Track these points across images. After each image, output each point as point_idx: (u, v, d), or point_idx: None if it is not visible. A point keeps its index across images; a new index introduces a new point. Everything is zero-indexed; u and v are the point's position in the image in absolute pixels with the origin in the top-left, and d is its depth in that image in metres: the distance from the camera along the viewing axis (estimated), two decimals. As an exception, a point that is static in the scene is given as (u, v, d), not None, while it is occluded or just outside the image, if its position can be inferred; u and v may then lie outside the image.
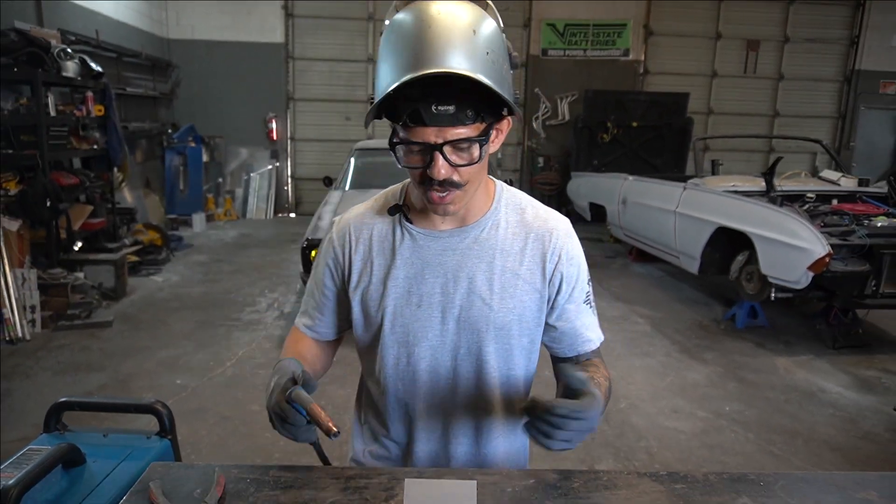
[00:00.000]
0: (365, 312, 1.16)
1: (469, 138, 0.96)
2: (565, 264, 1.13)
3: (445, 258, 1.11)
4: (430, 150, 0.96)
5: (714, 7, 10.24)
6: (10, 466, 1.10)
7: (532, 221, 1.15)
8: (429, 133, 0.94)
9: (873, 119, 10.87)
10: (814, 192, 5.05)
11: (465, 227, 1.12)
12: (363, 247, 1.16)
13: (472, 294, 1.10)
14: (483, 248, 1.11)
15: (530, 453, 1.27)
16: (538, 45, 10.08)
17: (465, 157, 0.98)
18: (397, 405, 1.18)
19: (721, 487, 1.01)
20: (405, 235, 1.13)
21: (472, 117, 0.94)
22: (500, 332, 1.11)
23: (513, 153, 10.52)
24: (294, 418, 0.93)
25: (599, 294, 5.83)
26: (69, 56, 5.12)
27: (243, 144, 9.99)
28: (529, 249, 1.13)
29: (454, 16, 0.91)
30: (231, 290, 5.68)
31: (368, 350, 1.20)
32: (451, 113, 0.92)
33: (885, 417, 3.51)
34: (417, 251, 1.12)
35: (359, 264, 1.16)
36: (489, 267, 1.11)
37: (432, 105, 0.92)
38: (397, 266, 1.12)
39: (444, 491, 0.90)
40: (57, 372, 3.82)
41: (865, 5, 10.39)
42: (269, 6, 9.57)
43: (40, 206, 4.53)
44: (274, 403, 0.95)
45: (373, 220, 1.17)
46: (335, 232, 1.20)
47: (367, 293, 1.15)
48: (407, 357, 1.14)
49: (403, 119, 0.94)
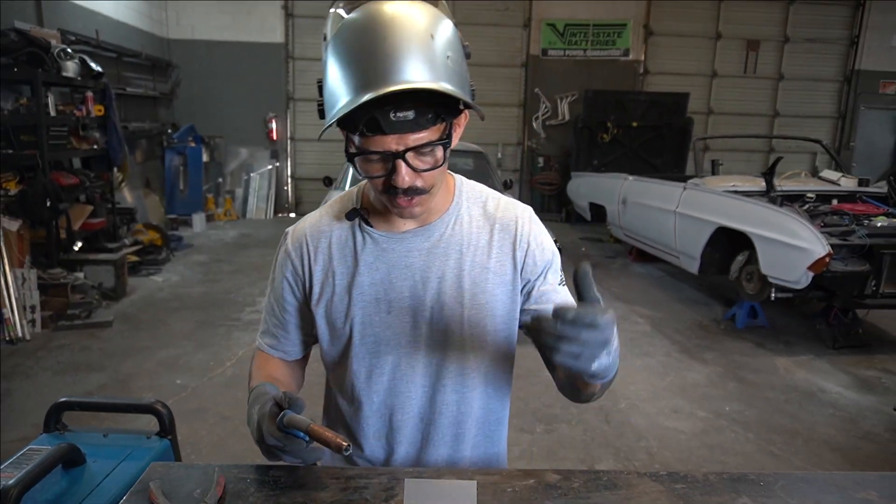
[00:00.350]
0: (331, 325, 1.10)
1: (431, 142, 0.91)
2: (535, 249, 1.09)
3: (412, 260, 1.07)
4: (392, 158, 0.91)
5: (714, 7, 10.24)
6: (10, 466, 1.10)
7: (495, 212, 1.11)
8: (389, 141, 0.89)
9: (873, 119, 10.87)
10: (814, 192, 5.05)
11: (429, 226, 1.07)
12: (322, 256, 1.10)
13: (442, 294, 1.06)
14: (449, 245, 1.07)
15: (508, 458, 1.24)
16: (538, 45, 10.08)
17: (428, 162, 0.94)
18: (373, 419, 1.12)
19: (721, 487, 1.01)
20: (366, 240, 1.08)
21: (433, 120, 0.90)
22: (475, 329, 1.07)
23: (513, 153, 10.52)
24: (293, 446, 0.89)
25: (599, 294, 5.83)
26: (69, 56, 5.12)
27: (243, 144, 9.99)
28: (497, 241, 1.09)
29: (409, 21, 0.85)
30: (231, 290, 5.69)
31: (337, 364, 1.14)
32: (411, 119, 0.88)
33: (885, 417, 3.51)
34: (381, 255, 1.07)
35: (319, 275, 1.09)
36: (458, 264, 1.07)
37: (390, 112, 0.86)
38: (361, 273, 1.07)
39: (444, 491, 0.90)
40: (57, 372, 3.82)
41: (865, 5, 10.39)
42: (269, 6, 9.57)
43: (40, 206, 4.53)
44: (266, 435, 0.90)
45: (330, 227, 1.11)
46: (290, 243, 1.12)
47: (331, 305, 1.09)
48: (380, 367, 1.09)
49: (360, 128, 0.89)
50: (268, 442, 0.90)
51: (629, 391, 3.76)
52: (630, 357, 4.31)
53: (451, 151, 0.98)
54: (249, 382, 1.13)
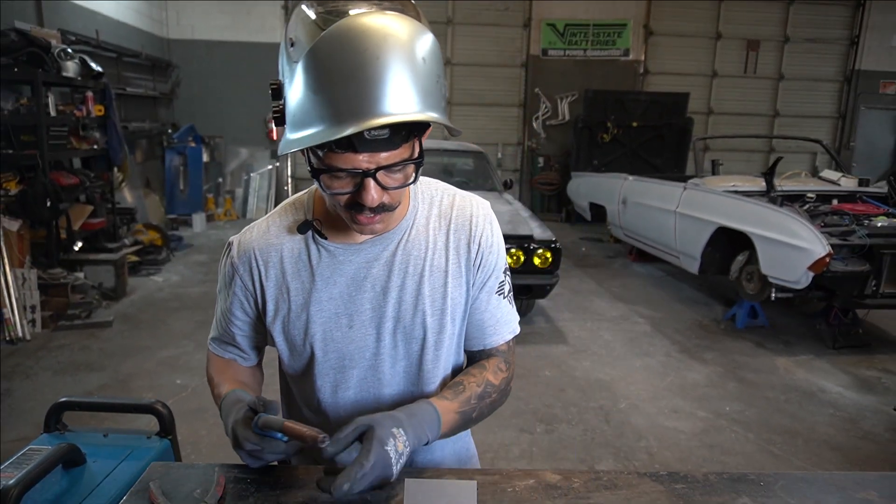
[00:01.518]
0: (290, 342, 1.06)
1: (404, 160, 0.87)
2: (485, 251, 1.07)
3: (371, 271, 1.03)
4: (361, 176, 0.86)
5: (714, 7, 10.24)
6: (10, 466, 1.10)
7: (449, 211, 1.07)
8: (359, 159, 0.84)
9: (873, 119, 10.87)
10: (814, 192, 5.05)
11: (386, 235, 1.03)
12: (274, 271, 1.04)
13: (402, 303, 1.03)
14: (408, 252, 1.04)
15: (479, 450, 1.26)
16: (538, 45, 10.08)
17: (398, 180, 0.89)
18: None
19: (721, 487, 1.01)
20: (322, 252, 1.03)
21: (405, 137, 0.85)
22: (438, 336, 1.06)
23: (513, 153, 10.52)
24: (272, 448, 0.89)
25: (599, 294, 5.83)
26: (69, 56, 5.12)
27: (243, 144, 9.99)
28: (452, 242, 1.06)
29: (400, 44, 0.78)
30: (231, 290, 5.68)
31: (301, 377, 1.10)
32: (386, 138, 0.83)
33: (885, 417, 3.51)
34: (338, 268, 1.02)
35: (273, 291, 1.04)
36: (417, 271, 1.03)
37: (364, 132, 0.80)
38: (318, 288, 1.02)
39: (444, 491, 0.89)
40: (57, 372, 3.82)
41: (865, 5, 10.39)
42: (269, 6, 9.57)
43: (40, 206, 4.53)
44: (242, 441, 0.89)
45: (280, 240, 1.05)
46: (236, 256, 1.06)
47: (287, 322, 1.05)
48: (346, 382, 1.06)
49: (329, 145, 0.83)
50: (245, 448, 0.91)
51: (629, 391, 3.76)
52: (630, 357, 4.32)
53: (451, 152, 0.97)
54: (213, 388, 1.10)
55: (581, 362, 4.16)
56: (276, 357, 1.15)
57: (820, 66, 10.71)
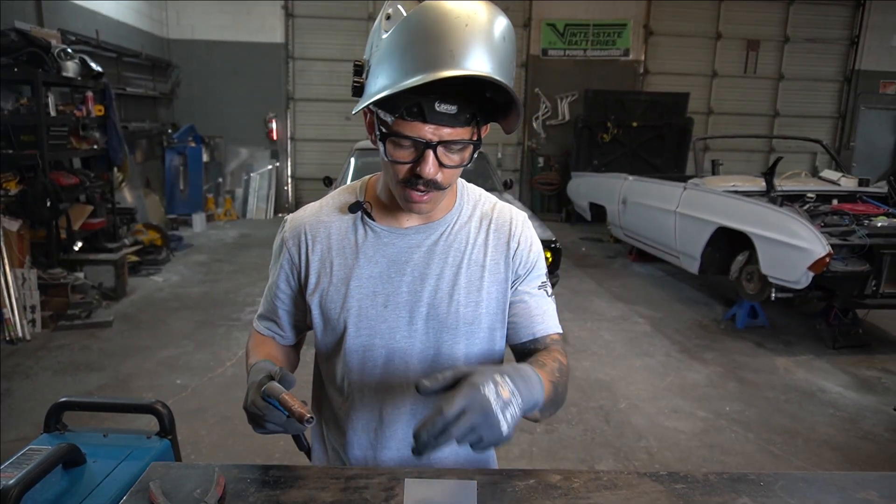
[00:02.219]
0: (325, 315, 1.11)
1: (464, 140, 0.94)
2: (524, 250, 1.12)
3: (412, 256, 1.08)
4: (424, 147, 0.93)
5: (714, 7, 10.24)
6: (10, 466, 1.10)
7: (491, 212, 1.14)
8: (426, 130, 0.91)
9: (873, 119, 10.87)
10: (814, 192, 5.05)
11: (432, 224, 1.09)
12: (321, 246, 1.10)
13: (439, 291, 1.08)
14: (450, 244, 1.09)
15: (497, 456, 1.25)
16: (538, 45, 10.08)
17: (455, 160, 0.96)
18: (363, 412, 1.12)
19: (721, 487, 1.01)
20: (368, 233, 1.09)
21: (469, 120, 0.93)
22: (470, 327, 1.09)
23: (513, 153, 10.52)
24: (272, 416, 0.90)
25: (599, 294, 5.83)
26: (69, 56, 5.12)
27: (243, 144, 9.99)
28: (492, 241, 1.12)
29: (485, 20, 0.87)
30: (231, 290, 5.68)
31: (330, 356, 1.15)
32: (453, 114, 0.91)
33: (885, 417, 3.51)
34: (382, 249, 1.08)
35: (316, 265, 1.10)
36: (456, 262, 1.09)
37: (435, 102, 0.89)
38: (360, 265, 1.08)
39: (444, 491, 0.90)
40: (57, 372, 3.82)
41: (865, 5, 10.39)
42: (269, 6, 9.57)
43: (40, 206, 4.53)
44: (249, 402, 0.92)
45: (330, 219, 1.12)
46: (288, 232, 1.14)
47: (326, 295, 1.10)
48: (374, 360, 1.09)
49: (401, 111, 0.91)
50: (249, 409, 0.93)
51: (629, 391, 3.76)
52: (630, 357, 4.32)
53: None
54: (247, 360, 1.15)
55: (581, 362, 4.16)
56: (311, 360, 1.22)
57: (820, 66, 10.72)
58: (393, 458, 1.13)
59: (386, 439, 1.12)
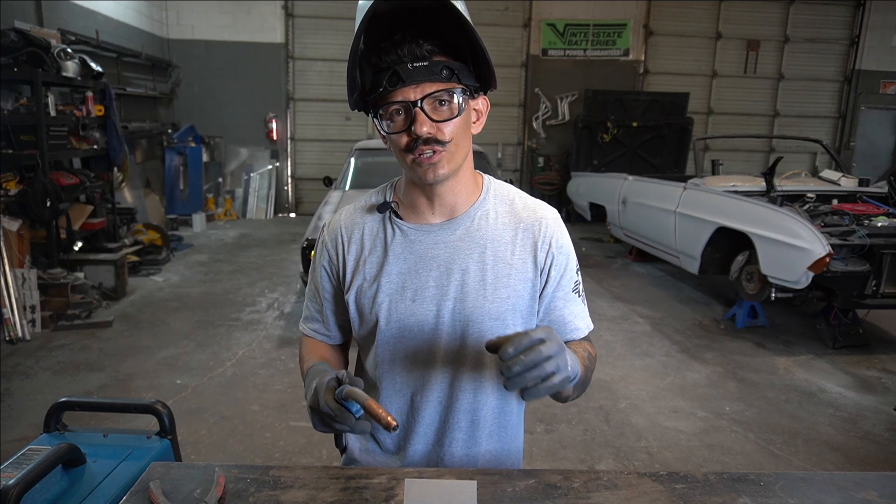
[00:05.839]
0: (360, 311, 1.17)
1: (447, 90, 1.00)
2: (555, 253, 1.15)
3: (437, 251, 1.12)
4: (412, 109, 1.00)
5: (714, 7, 10.24)
6: (10, 466, 1.10)
7: (521, 212, 1.16)
8: (408, 91, 0.99)
9: (873, 119, 10.88)
10: (814, 192, 5.04)
11: (455, 219, 1.13)
12: (356, 246, 1.17)
13: (465, 286, 1.11)
14: (474, 238, 1.13)
15: (524, 455, 1.27)
16: (538, 45, 10.09)
17: (445, 112, 1.02)
18: (395, 398, 1.17)
19: (721, 487, 1.01)
20: (396, 231, 1.15)
21: (447, 77, 1.00)
22: (496, 322, 1.11)
23: (513, 153, 10.52)
24: (344, 418, 0.92)
25: (599, 294, 5.83)
26: (69, 56, 5.12)
27: (243, 144, 9.99)
28: (520, 239, 1.14)
29: None
30: (231, 290, 5.69)
31: (366, 348, 1.21)
32: (427, 66, 0.98)
33: (885, 417, 3.51)
34: (409, 246, 1.13)
35: (352, 264, 1.17)
36: (481, 257, 1.12)
37: (408, 64, 0.98)
38: (390, 262, 1.13)
39: (444, 491, 0.90)
40: (57, 372, 3.82)
41: (865, 5, 10.39)
42: (269, 6, 9.57)
43: (40, 206, 4.53)
44: (323, 403, 0.94)
45: (363, 219, 1.18)
46: (327, 234, 1.21)
47: (360, 292, 1.15)
48: (403, 352, 1.14)
49: (384, 85, 0.99)
50: (323, 410, 0.94)
51: (629, 391, 3.76)
52: (630, 357, 4.32)
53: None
54: (302, 365, 1.21)
55: (581, 362, 4.16)
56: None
57: (820, 66, 10.72)
58: (419, 450, 1.18)
59: (416, 426, 1.17)
